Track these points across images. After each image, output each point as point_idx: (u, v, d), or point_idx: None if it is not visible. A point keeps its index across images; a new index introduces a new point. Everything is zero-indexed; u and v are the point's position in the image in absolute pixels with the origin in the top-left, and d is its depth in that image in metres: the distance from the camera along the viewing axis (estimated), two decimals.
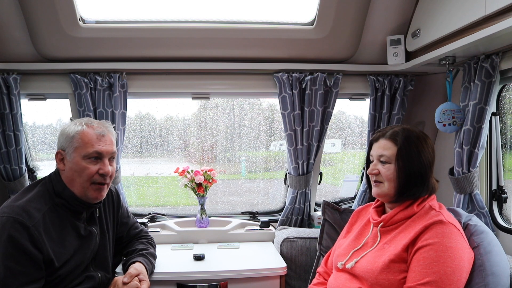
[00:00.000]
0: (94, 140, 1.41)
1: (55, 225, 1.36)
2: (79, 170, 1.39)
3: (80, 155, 1.39)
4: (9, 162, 2.01)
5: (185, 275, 1.75)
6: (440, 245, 1.16)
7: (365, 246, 1.37)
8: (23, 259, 1.25)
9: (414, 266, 1.18)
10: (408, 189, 1.31)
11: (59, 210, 1.39)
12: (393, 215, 1.32)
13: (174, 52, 2.00)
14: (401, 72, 2.10)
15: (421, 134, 1.36)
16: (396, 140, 1.34)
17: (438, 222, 1.21)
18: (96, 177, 1.41)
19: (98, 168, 1.41)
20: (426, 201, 1.31)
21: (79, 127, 1.42)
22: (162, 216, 2.38)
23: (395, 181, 1.33)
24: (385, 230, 1.35)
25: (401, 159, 1.32)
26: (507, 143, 1.85)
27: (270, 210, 2.50)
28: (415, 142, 1.32)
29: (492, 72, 1.62)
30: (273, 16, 2.00)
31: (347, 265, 1.35)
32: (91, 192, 1.41)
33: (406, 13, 1.97)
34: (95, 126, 1.44)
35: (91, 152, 1.40)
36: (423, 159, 1.31)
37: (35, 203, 1.34)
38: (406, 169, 1.31)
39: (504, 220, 1.77)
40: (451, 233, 1.19)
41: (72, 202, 1.41)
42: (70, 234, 1.41)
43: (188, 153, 2.57)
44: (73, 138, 1.41)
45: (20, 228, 1.25)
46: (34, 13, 1.81)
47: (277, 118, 2.46)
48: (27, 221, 1.27)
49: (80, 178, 1.39)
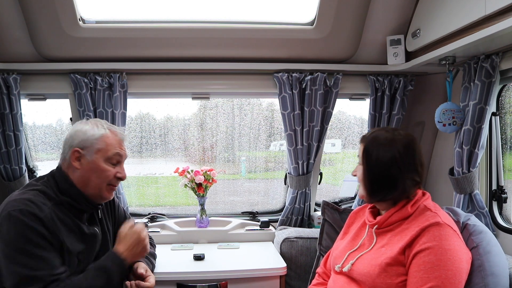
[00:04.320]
0: (117, 144, 1.45)
1: (62, 222, 1.36)
2: (98, 171, 1.41)
3: (102, 157, 1.42)
4: (9, 162, 2.01)
5: (185, 275, 1.75)
6: (439, 248, 1.14)
7: (361, 247, 1.36)
8: (44, 244, 1.24)
9: (414, 271, 1.16)
10: (375, 191, 1.30)
11: (62, 209, 1.39)
12: (387, 217, 1.30)
13: (174, 52, 2.00)
14: (401, 72, 2.10)
15: (397, 137, 1.29)
16: (364, 141, 1.34)
17: (434, 224, 1.18)
18: (113, 180, 1.44)
19: (116, 171, 1.44)
20: (421, 201, 1.29)
21: (102, 130, 1.45)
22: (162, 216, 2.38)
23: (364, 183, 1.33)
24: (381, 231, 1.33)
25: (365, 161, 1.32)
26: (507, 143, 1.85)
27: (270, 210, 2.50)
28: (383, 143, 1.29)
29: (492, 72, 1.62)
30: (273, 16, 2.00)
31: (344, 269, 1.33)
32: (105, 193, 1.44)
33: (406, 13, 1.97)
34: (117, 132, 1.48)
35: (114, 155, 1.43)
36: (387, 161, 1.26)
37: (40, 198, 1.34)
38: (369, 171, 1.30)
39: (504, 220, 1.77)
40: (449, 235, 1.17)
41: (79, 200, 1.41)
42: (75, 232, 1.40)
43: (188, 153, 2.57)
44: (97, 140, 1.42)
45: (34, 218, 1.24)
46: (34, 13, 1.82)
47: (277, 118, 2.46)
48: (39, 212, 1.26)
49: (98, 179, 1.41)
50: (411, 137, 1.32)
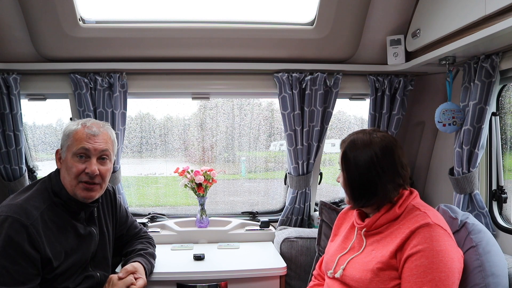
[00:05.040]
0: (84, 138, 1.41)
1: (53, 224, 1.36)
2: (68, 168, 1.40)
3: (70, 153, 1.40)
4: (9, 162, 2.01)
5: (185, 275, 1.75)
6: (430, 251, 1.12)
7: (352, 250, 1.34)
8: (19, 259, 1.25)
9: (407, 275, 1.14)
10: (357, 197, 1.29)
11: (57, 209, 1.39)
12: (375, 219, 1.28)
13: (174, 52, 2.00)
14: (401, 72, 2.10)
15: (374, 140, 1.27)
16: (343, 146, 1.33)
17: (424, 225, 1.15)
18: (83, 176, 1.40)
19: (85, 167, 1.40)
20: (409, 200, 1.26)
21: (74, 126, 1.44)
22: (162, 216, 2.38)
23: (346, 189, 1.32)
24: (370, 234, 1.30)
25: (345, 166, 1.31)
26: (507, 143, 1.85)
27: (270, 210, 2.50)
28: (360, 147, 1.27)
29: (492, 72, 1.62)
30: (273, 16, 2.00)
31: (336, 274, 1.31)
32: (79, 191, 1.40)
33: (406, 13, 1.97)
34: (88, 126, 1.44)
35: (78, 149, 1.39)
36: (365, 165, 1.25)
37: (33, 201, 1.34)
38: (349, 176, 1.29)
39: (504, 220, 1.77)
40: (439, 235, 1.14)
41: (68, 202, 1.41)
42: (68, 233, 1.41)
43: (188, 153, 2.57)
44: (68, 137, 1.42)
45: (19, 227, 1.25)
46: (34, 13, 1.81)
47: (277, 118, 2.46)
48: (25, 220, 1.27)
49: (68, 176, 1.40)
50: (389, 139, 1.29)
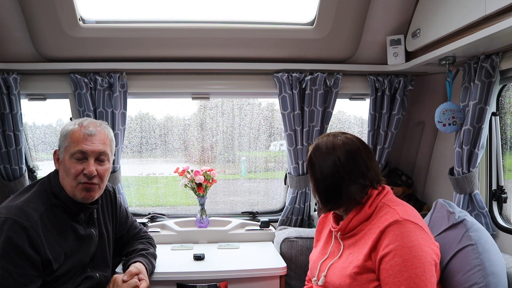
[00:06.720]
0: (81, 139, 1.40)
1: (53, 226, 1.36)
2: (66, 170, 1.39)
3: (68, 154, 1.39)
4: (9, 162, 2.01)
5: (185, 275, 1.75)
6: (402, 248, 1.11)
7: (331, 255, 1.33)
8: (20, 261, 1.24)
9: (384, 277, 1.13)
10: (324, 202, 1.29)
11: (56, 211, 1.39)
12: (348, 221, 1.27)
13: (174, 52, 2.00)
14: (401, 72, 2.10)
15: (337, 144, 1.27)
16: (309, 151, 1.33)
17: (393, 223, 1.15)
18: (81, 177, 1.39)
19: (83, 168, 1.39)
20: (379, 199, 1.25)
21: (71, 126, 1.43)
22: (162, 216, 2.38)
23: (314, 194, 1.32)
24: (346, 237, 1.30)
25: (311, 172, 1.32)
26: (507, 143, 1.85)
27: (270, 210, 2.50)
28: (324, 152, 1.27)
29: (492, 72, 1.62)
30: (273, 16, 2.01)
31: (319, 282, 1.31)
32: (79, 192, 1.40)
33: (406, 13, 1.97)
34: (85, 125, 1.43)
35: (76, 151, 1.39)
36: (329, 170, 1.25)
37: (33, 203, 1.33)
38: (316, 181, 1.30)
39: (504, 220, 1.77)
40: (409, 231, 1.13)
41: (67, 203, 1.41)
42: (68, 235, 1.40)
43: (188, 153, 2.57)
44: (65, 138, 1.42)
45: (18, 229, 1.25)
46: (34, 13, 1.82)
47: (277, 118, 2.46)
48: (25, 222, 1.26)
49: (67, 177, 1.39)
50: (352, 142, 1.28)
